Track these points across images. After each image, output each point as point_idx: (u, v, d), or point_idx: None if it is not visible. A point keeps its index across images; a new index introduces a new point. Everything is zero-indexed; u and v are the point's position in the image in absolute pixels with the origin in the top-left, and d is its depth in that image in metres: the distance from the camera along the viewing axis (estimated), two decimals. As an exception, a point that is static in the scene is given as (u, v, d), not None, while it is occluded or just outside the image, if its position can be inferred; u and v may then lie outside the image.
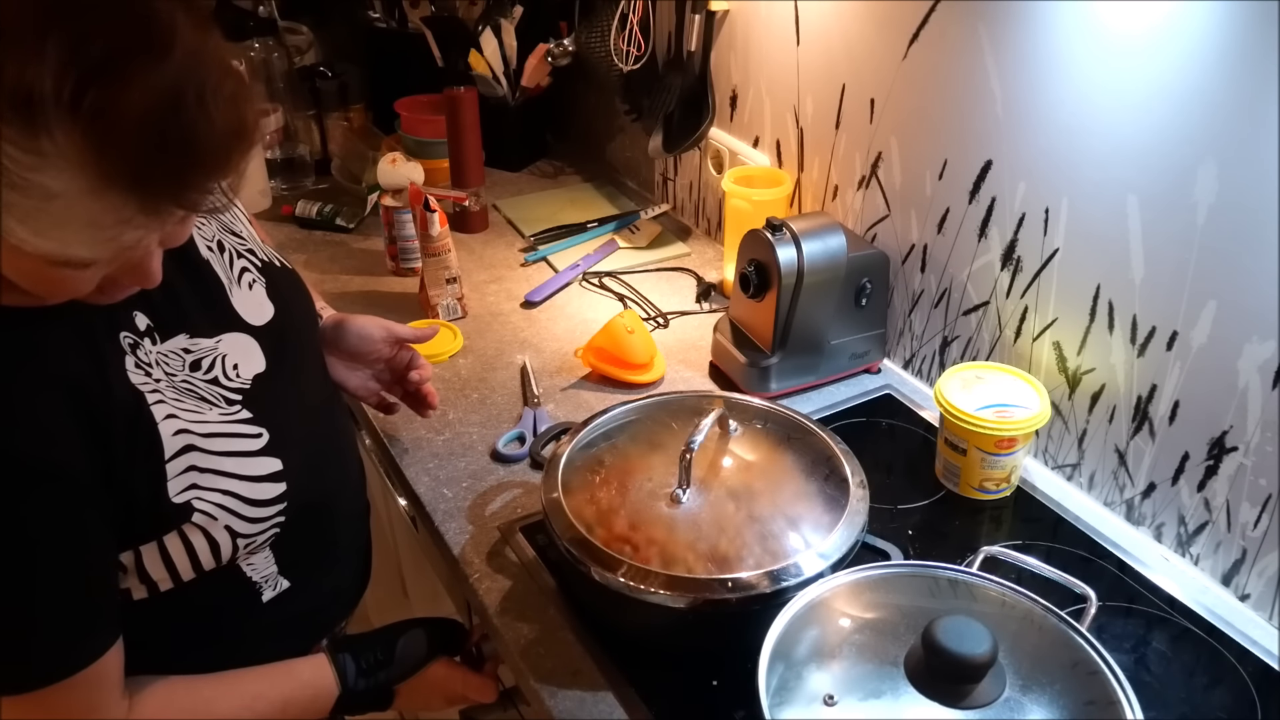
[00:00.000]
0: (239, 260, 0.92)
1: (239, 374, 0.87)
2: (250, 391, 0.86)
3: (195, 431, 0.80)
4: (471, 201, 1.69)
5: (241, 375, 0.87)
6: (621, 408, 1.08)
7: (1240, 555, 1.00)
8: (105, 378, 0.75)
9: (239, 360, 0.87)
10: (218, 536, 0.81)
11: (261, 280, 0.93)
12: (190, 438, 0.79)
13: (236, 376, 0.86)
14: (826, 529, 0.92)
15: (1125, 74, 0.97)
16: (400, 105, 1.88)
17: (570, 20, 1.83)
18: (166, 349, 0.82)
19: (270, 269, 0.95)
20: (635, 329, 1.32)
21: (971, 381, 1.13)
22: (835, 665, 0.78)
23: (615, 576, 0.88)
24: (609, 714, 0.89)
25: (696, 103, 1.60)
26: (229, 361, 0.86)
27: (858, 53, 1.29)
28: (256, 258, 0.94)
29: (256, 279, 0.93)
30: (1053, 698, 0.75)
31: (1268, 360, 0.92)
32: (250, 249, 0.94)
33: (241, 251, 0.93)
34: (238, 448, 0.83)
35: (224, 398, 0.84)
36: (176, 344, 0.83)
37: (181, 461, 0.78)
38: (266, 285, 0.93)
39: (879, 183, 1.32)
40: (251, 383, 0.87)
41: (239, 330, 0.88)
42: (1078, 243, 1.08)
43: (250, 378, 0.87)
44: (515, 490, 1.15)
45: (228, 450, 0.82)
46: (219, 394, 0.84)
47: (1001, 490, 1.13)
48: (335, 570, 1.01)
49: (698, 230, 1.75)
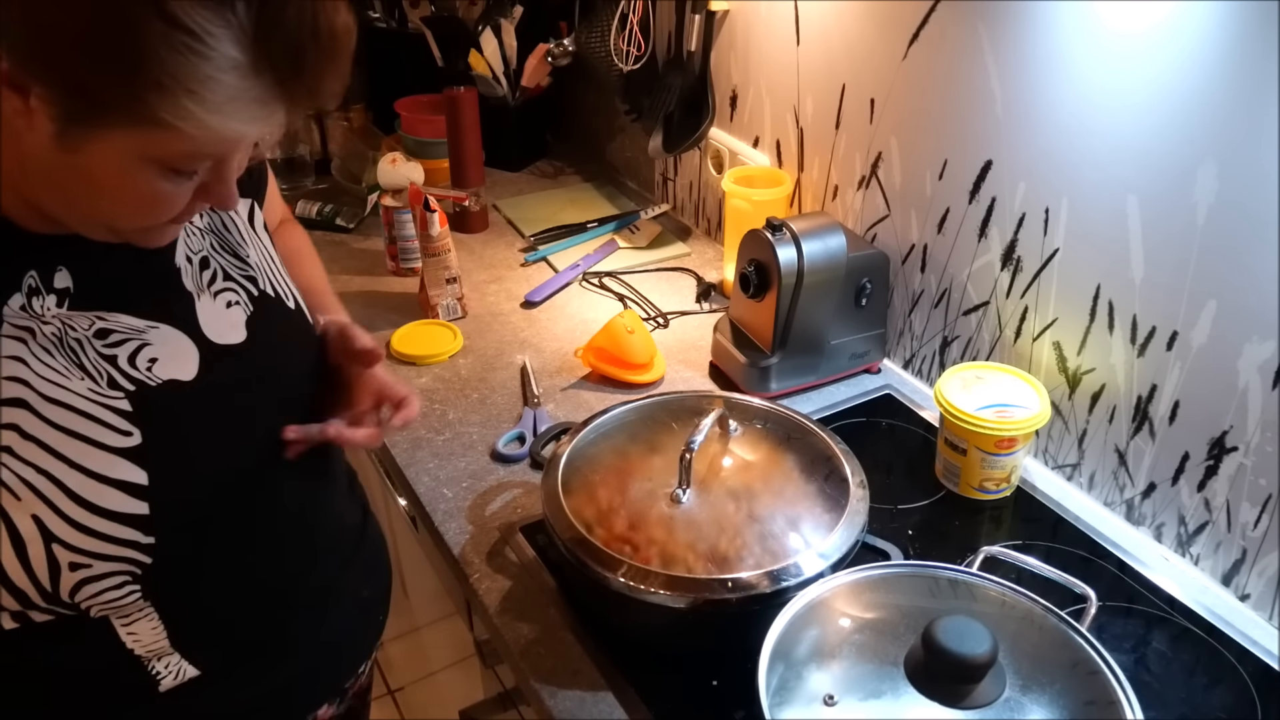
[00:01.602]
0: (226, 280, 0.83)
1: (150, 370, 0.76)
2: (149, 390, 0.75)
3: (36, 389, 0.70)
4: (471, 201, 1.69)
5: (153, 371, 0.76)
6: (621, 408, 1.08)
7: (1240, 555, 1.00)
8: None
9: (160, 356, 0.77)
10: (21, 528, 0.69)
11: (247, 308, 0.84)
12: (25, 390, 0.69)
13: (145, 369, 0.76)
14: (826, 529, 0.92)
15: (1125, 74, 0.97)
16: (400, 105, 1.88)
17: (570, 20, 1.83)
18: (69, 314, 0.73)
19: (266, 301, 0.86)
20: (635, 329, 1.32)
21: (971, 381, 1.13)
22: (835, 665, 0.78)
23: (615, 576, 0.88)
24: (609, 714, 0.89)
25: (696, 103, 1.60)
26: (146, 353, 0.76)
27: (858, 53, 1.29)
28: (255, 287, 0.86)
29: (240, 303, 0.84)
30: (1053, 698, 0.75)
31: (1268, 360, 0.92)
32: (252, 276, 0.86)
33: (235, 275, 0.85)
34: (88, 433, 0.72)
35: (109, 377, 0.74)
36: (88, 315, 0.74)
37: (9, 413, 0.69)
38: (251, 315, 0.84)
39: (879, 183, 1.32)
40: (161, 384, 0.76)
41: (183, 331, 0.79)
42: (1078, 243, 1.08)
43: (163, 379, 0.76)
44: (515, 490, 1.15)
45: (71, 429, 0.71)
46: (106, 370, 0.74)
47: (1001, 490, 1.13)
48: (286, 661, 0.88)
49: (698, 230, 1.75)
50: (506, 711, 1.08)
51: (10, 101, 0.60)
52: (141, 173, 0.65)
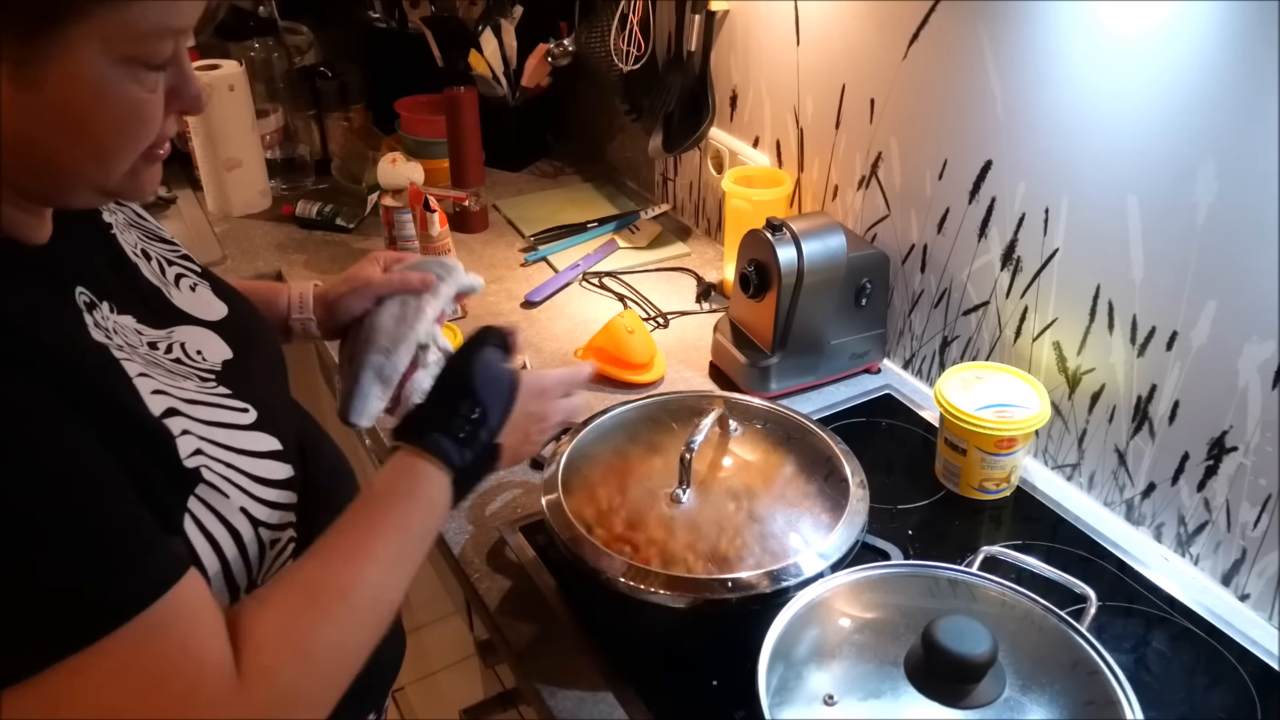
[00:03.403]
0: (171, 267, 0.83)
1: (204, 357, 0.76)
2: (222, 373, 0.75)
3: (176, 396, 0.68)
4: (471, 201, 1.69)
5: (208, 359, 0.76)
6: (621, 408, 1.08)
7: (1240, 555, 1.00)
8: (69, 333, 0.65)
9: (201, 347, 0.77)
10: (237, 524, 0.69)
11: (205, 283, 0.85)
12: (171, 401, 0.68)
13: (203, 359, 0.75)
14: (826, 529, 0.92)
15: (1125, 74, 0.97)
16: (400, 105, 1.88)
17: (570, 20, 1.83)
18: (122, 321, 0.71)
19: (209, 274, 0.87)
20: (635, 329, 1.32)
21: (971, 381, 1.13)
22: (835, 665, 0.78)
23: (615, 576, 0.88)
24: (609, 714, 0.89)
25: (696, 103, 1.60)
26: (190, 347, 0.76)
27: (858, 53, 1.29)
28: (194, 263, 0.86)
29: (198, 283, 0.84)
30: (1053, 698, 0.75)
31: (1268, 360, 0.92)
32: (185, 255, 0.86)
33: (172, 259, 0.84)
34: (227, 419, 0.71)
35: (196, 374, 0.73)
36: (128, 322, 0.72)
37: (174, 423, 0.67)
38: (212, 287, 0.85)
39: (879, 183, 1.32)
40: (222, 366, 0.76)
41: (189, 324, 0.78)
42: (1078, 243, 1.08)
43: (219, 362, 0.77)
44: (515, 490, 1.15)
45: (217, 420, 0.70)
46: (189, 370, 0.73)
47: (1001, 490, 1.13)
48: None
49: (698, 230, 1.75)
50: (506, 711, 1.08)
51: None
52: (112, 81, 0.61)
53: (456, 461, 0.77)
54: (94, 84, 0.60)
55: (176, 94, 0.66)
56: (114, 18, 0.59)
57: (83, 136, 0.62)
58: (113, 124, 0.63)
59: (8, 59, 0.57)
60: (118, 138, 0.64)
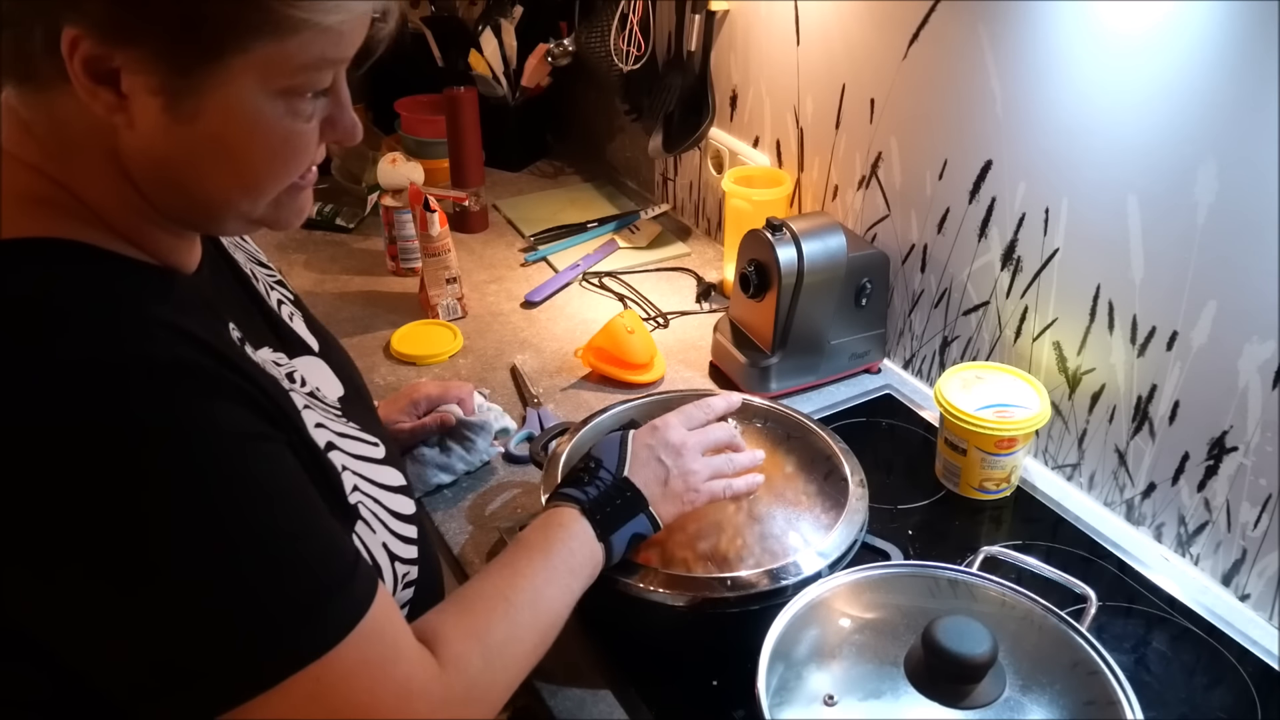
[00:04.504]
0: (274, 291, 0.84)
1: (324, 390, 0.77)
2: (343, 406, 0.78)
3: (331, 430, 0.71)
4: (471, 201, 1.69)
5: (327, 392, 0.78)
6: (621, 408, 1.07)
7: (1240, 555, 1.00)
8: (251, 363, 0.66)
9: (320, 380, 0.79)
10: (379, 559, 0.71)
11: (298, 313, 0.85)
12: (329, 435, 0.70)
13: (322, 392, 0.77)
14: (826, 528, 0.92)
15: (1125, 74, 0.97)
16: (400, 105, 1.88)
17: (570, 20, 1.83)
18: (261, 355, 0.73)
19: (300, 302, 0.88)
20: (635, 329, 1.32)
21: (971, 381, 1.13)
22: (835, 665, 0.78)
23: (615, 576, 0.88)
24: (609, 714, 0.89)
25: (696, 103, 1.60)
26: (311, 380, 0.77)
27: (858, 53, 1.29)
28: (288, 289, 0.87)
29: (294, 312, 0.85)
30: (1053, 698, 0.75)
31: (1268, 360, 0.92)
32: (281, 280, 0.87)
33: (272, 284, 0.85)
34: (367, 453, 0.74)
35: (327, 407, 0.75)
36: (265, 355, 0.74)
37: (334, 458, 0.69)
38: (304, 317, 0.86)
39: (879, 183, 1.32)
40: (340, 404, 0.78)
41: (307, 354, 0.80)
42: (1078, 243, 1.07)
43: (335, 399, 0.78)
44: (515, 490, 1.15)
45: (363, 455, 0.73)
46: (322, 407, 0.75)
47: (1001, 490, 1.13)
48: None
49: (698, 230, 1.75)
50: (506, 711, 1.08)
51: (101, 99, 0.56)
52: (268, 113, 0.60)
53: (581, 498, 0.84)
54: (250, 116, 0.59)
55: (331, 124, 0.65)
56: (273, 50, 0.58)
57: (235, 166, 0.62)
58: (266, 155, 0.62)
59: (164, 91, 0.57)
60: (270, 168, 0.63)
